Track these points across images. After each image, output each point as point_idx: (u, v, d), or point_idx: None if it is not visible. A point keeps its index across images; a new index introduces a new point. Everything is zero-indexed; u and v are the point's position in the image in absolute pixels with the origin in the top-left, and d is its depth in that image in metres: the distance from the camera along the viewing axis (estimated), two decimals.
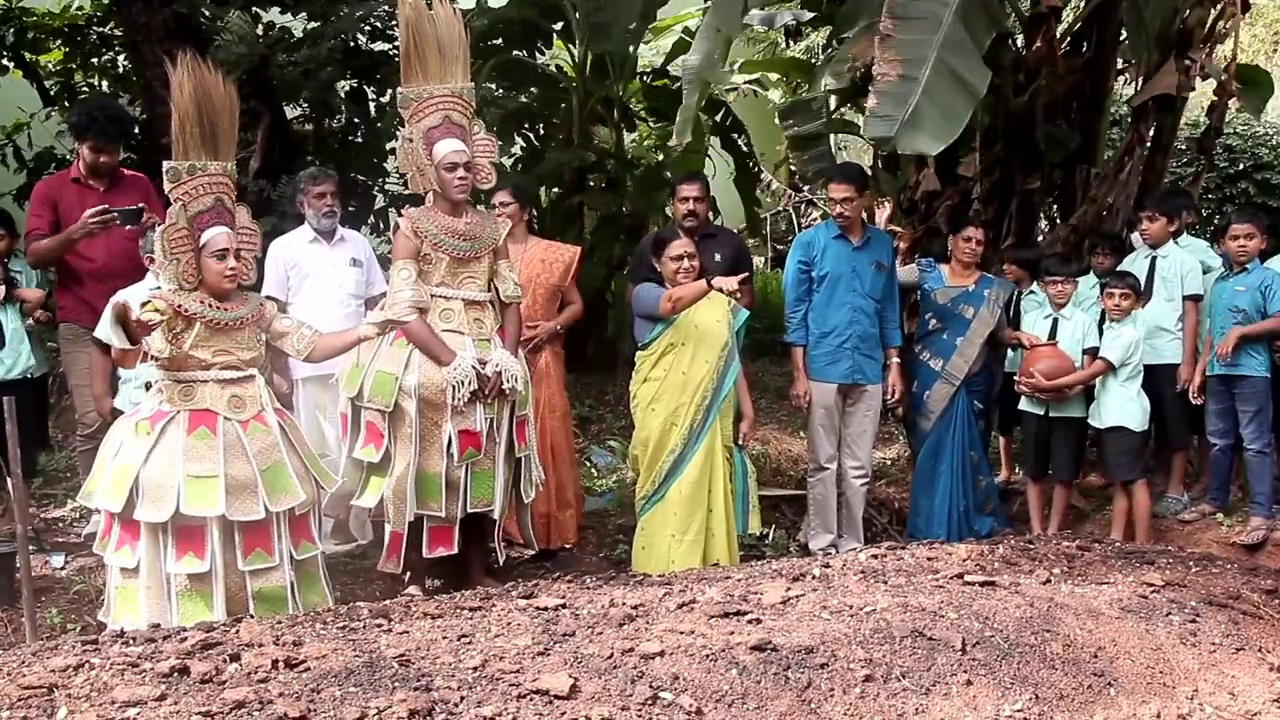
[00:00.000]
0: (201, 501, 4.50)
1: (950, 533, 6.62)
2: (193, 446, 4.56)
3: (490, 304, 5.58)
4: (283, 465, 4.71)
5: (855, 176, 6.65)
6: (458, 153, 5.43)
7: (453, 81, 5.49)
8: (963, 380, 6.81)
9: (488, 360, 5.40)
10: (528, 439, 5.75)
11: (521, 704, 2.95)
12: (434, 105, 5.47)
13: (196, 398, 4.65)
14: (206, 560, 4.52)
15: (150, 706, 2.88)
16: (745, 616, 3.63)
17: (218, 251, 4.65)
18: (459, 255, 5.46)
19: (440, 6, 5.46)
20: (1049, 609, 3.75)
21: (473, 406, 5.39)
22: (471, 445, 5.44)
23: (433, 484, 5.42)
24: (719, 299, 6.00)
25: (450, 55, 5.48)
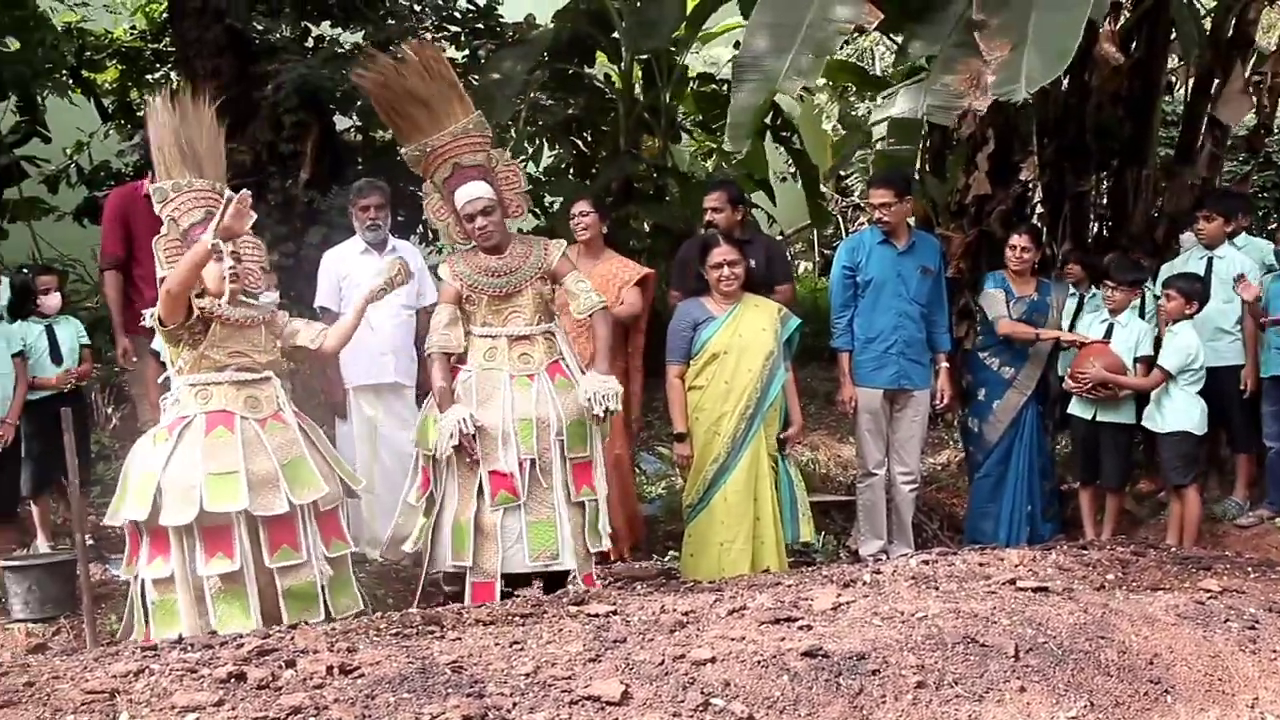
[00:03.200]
0: (224, 498, 4.52)
1: (1012, 538, 6.58)
2: (211, 446, 4.60)
3: (542, 336, 5.39)
4: (303, 459, 4.73)
5: (896, 181, 6.62)
6: (473, 201, 5.26)
7: (449, 123, 5.32)
8: (1034, 388, 6.77)
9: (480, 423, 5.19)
10: (594, 483, 5.41)
11: (574, 710, 2.96)
12: (438, 156, 5.35)
13: (213, 400, 4.70)
14: (236, 559, 4.54)
15: (208, 712, 2.92)
16: (796, 623, 3.63)
17: (234, 252, 4.70)
18: (496, 293, 5.32)
19: (407, 57, 5.31)
20: (1103, 615, 3.71)
21: (499, 448, 5.19)
22: (504, 488, 5.19)
23: (462, 533, 5.22)
24: (766, 305, 6.00)
25: (436, 100, 5.32)
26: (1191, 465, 6.48)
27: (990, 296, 6.86)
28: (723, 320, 5.91)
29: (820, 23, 6.60)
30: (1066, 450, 7.75)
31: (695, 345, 5.94)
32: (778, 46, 6.67)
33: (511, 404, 5.21)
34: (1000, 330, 6.77)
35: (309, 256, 7.66)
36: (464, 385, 5.29)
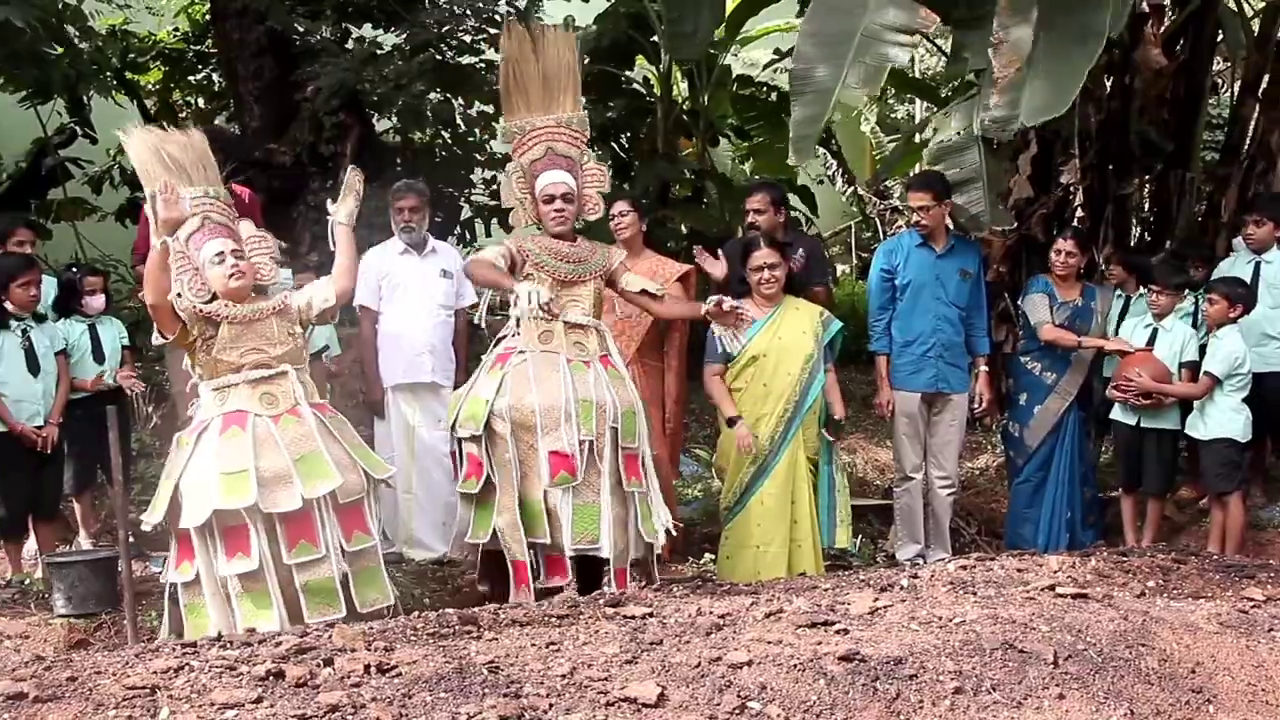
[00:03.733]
0: (233, 494, 4.53)
1: (1051, 544, 6.54)
2: (224, 446, 4.62)
3: (595, 330, 5.37)
4: (318, 453, 4.69)
5: (934, 184, 6.58)
6: (556, 184, 5.30)
7: (559, 111, 5.38)
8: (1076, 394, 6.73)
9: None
10: (641, 475, 5.33)
11: (610, 712, 2.96)
12: (537, 137, 5.36)
13: (229, 400, 4.72)
14: (254, 558, 4.54)
15: (247, 709, 2.94)
16: (833, 627, 3.61)
17: (213, 258, 4.74)
18: (562, 277, 5.30)
19: (551, 34, 5.40)
20: (1144, 623, 3.68)
21: (561, 427, 5.11)
22: (564, 469, 5.10)
23: (536, 510, 5.15)
24: (807, 308, 5.99)
25: (556, 85, 5.38)
26: (1235, 472, 6.41)
27: (1033, 301, 6.80)
28: (762, 323, 5.89)
29: (874, 30, 6.56)
30: (1108, 457, 7.69)
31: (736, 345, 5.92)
32: (831, 55, 6.62)
33: (571, 385, 5.15)
34: (1043, 336, 6.71)
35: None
36: (518, 368, 5.22)
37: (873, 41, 6.53)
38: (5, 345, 6.05)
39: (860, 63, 6.48)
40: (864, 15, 6.56)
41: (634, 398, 5.36)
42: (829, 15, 6.80)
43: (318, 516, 4.64)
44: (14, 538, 6.24)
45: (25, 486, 6.11)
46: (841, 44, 6.60)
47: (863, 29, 6.56)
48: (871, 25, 6.57)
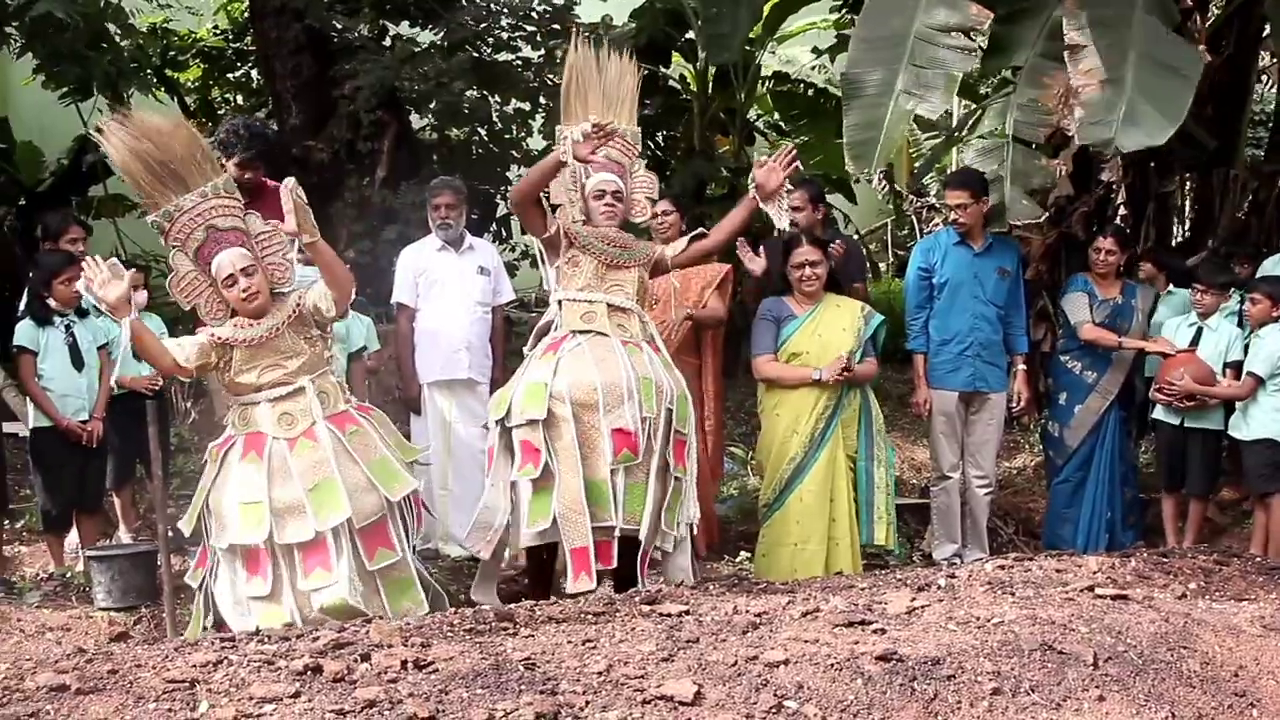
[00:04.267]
0: (249, 528, 4.56)
1: (1090, 545, 6.49)
2: (243, 473, 4.62)
3: (637, 315, 5.35)
4: (331, 482, 4.60)
5: (972, 182, 6.55)
6: (608, 182, 5.36)
7: (615, 123, 5.37)
8: (1116, 393, 6.67)
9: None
10: (685, 461, 5.29)
11: (646, 710, 2.96)
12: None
13: (251, 420, 4.71)
14: (268, 583, 4.57)
15: (285, 703, 2.95)
16: (870, 626, 3.60)
17: (225, 280, 4.66)
18: (609, 260, 5.29)
19: (616, 59, 5.52)
20: (1185, 625, 3.64)
21: (624, 404, 5.04)
22: (627, 446, 5.04)
23: (602, 491, 5.06)
24: (848, 306, 5.98)
25: (614, 100, 5.49)
26: (1277, 473, 6.34)
27: (1073, 300, 6.75)
28: (803, 320, 5.92)
29: (926, 32, 6.51)
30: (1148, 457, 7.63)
31: (777, 342, 5.94)
32: (884, 60, 6.58)
33: (629, 364, 5.12)
34: (1083, 336, 6.66)
35: (385, 253, 7.74)
36: (573, 350, 5.17)
37: (926, 45, 6.50)
38: (50, 341, 6.12)
39: (914, 67, 6.44)
40: (915, 17, 6.51)
41: (685, 386, 5.37)
42: (880, 19, 6.75)
43: (332, 543, 4.59)
44: (58, 531, 6.31)
45: (70, 480, 6.18)
46: (895, 47, 6.57)
47: (915, 32, 6.52)
48: (923, 28, 6.53)
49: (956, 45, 6.57)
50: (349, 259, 7.87)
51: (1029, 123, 6.64)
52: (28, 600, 5.79)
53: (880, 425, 6.10)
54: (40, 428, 6.15)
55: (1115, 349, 6.65)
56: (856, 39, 6.87)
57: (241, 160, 6.44)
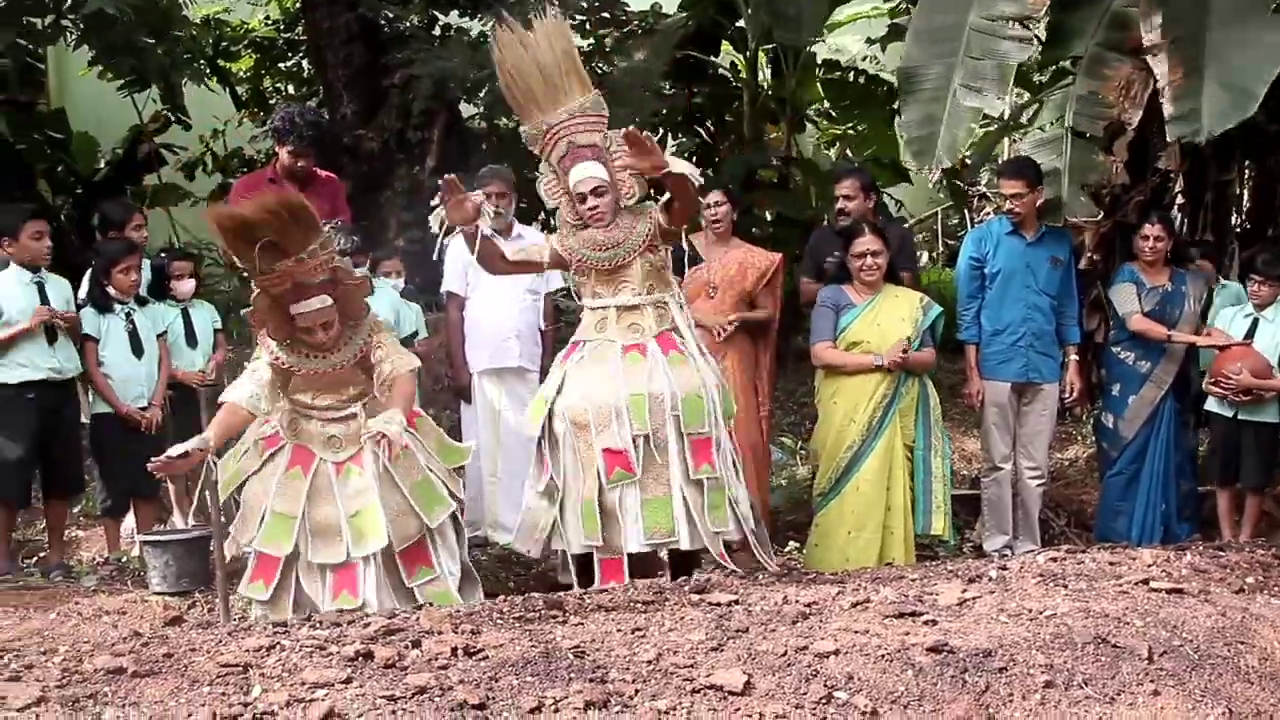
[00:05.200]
0: (274, 539, 4.60)
1: (1145, 538, 6.41)
2: (284, 483, 4.65)
3: (652, 305, 5.21)
4: (372, 509, 4.61)
5: (1027, 171, 6.48)
6: (585, 181, 5.08)
7: (567, 101, 5.11)
8: (1171, 383, 6.59)
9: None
10: (713, 460, 5.10)
11: (695, 699, 2.96)
12: (554, 135, 5.14)
13: (301, 432, 4.74)
14: (268, 593, 4.61)
15: (337, 689, 2.98)
16: (921, 617, 3.58)
17: (303, 325, 4.61)
18: (603, 267, 5.18)
19: (541, 27, 5.16)
20: (1243, 619, 3.60)
21: (612, 423, 5.00)
22: (619, 465, 4.98)
23: (589, 511, 5.06)
24: (906, 296, 5.97)
25: (557, 75, 5.12)
26: None
27: (1121, 291, 6.67)
28: (862, 309, 5.93)
29: (982, 24, 6.44)
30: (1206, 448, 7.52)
31: (836, 330, 5.95)
32: (941, 54, 6.52)
33: (623, 379, 5.06)
34: (1131, 327, 6.58)
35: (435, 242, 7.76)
36: (577, 364, 5.19)
37: (982, 36, 6.43)
38: (110, 328, 6.20)
39: (970, 59, 6.38)
40: (971, 9, 6.44)
41: (701, 379, 5.14)
42: (935, 11, 6.70)
43: (361, 569, 4.62)
44: (115, 516, 6.40)
45: (128, 467, 6.24)
46: (951, 40, 6.51)
47: (970, 24, 6.46)
48: (979, 19, 6.47)
49: (1013, 36, 6.51)
50: (398, 248, 7.92)
51: (1088, 115, 6.58)
52: (85, 584, 5.88)
53: (938, 415, 6.08)
54: (100, 414, 6.24)
55: (1164, 342, 6.56)
56: (912, 33, 6.83)
57: (295, 148, 6.50)
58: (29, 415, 6.02)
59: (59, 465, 6.19)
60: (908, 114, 6.66)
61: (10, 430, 6.05)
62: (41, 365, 6.00)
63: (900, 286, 6.07)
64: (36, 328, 5.98)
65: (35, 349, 6.00)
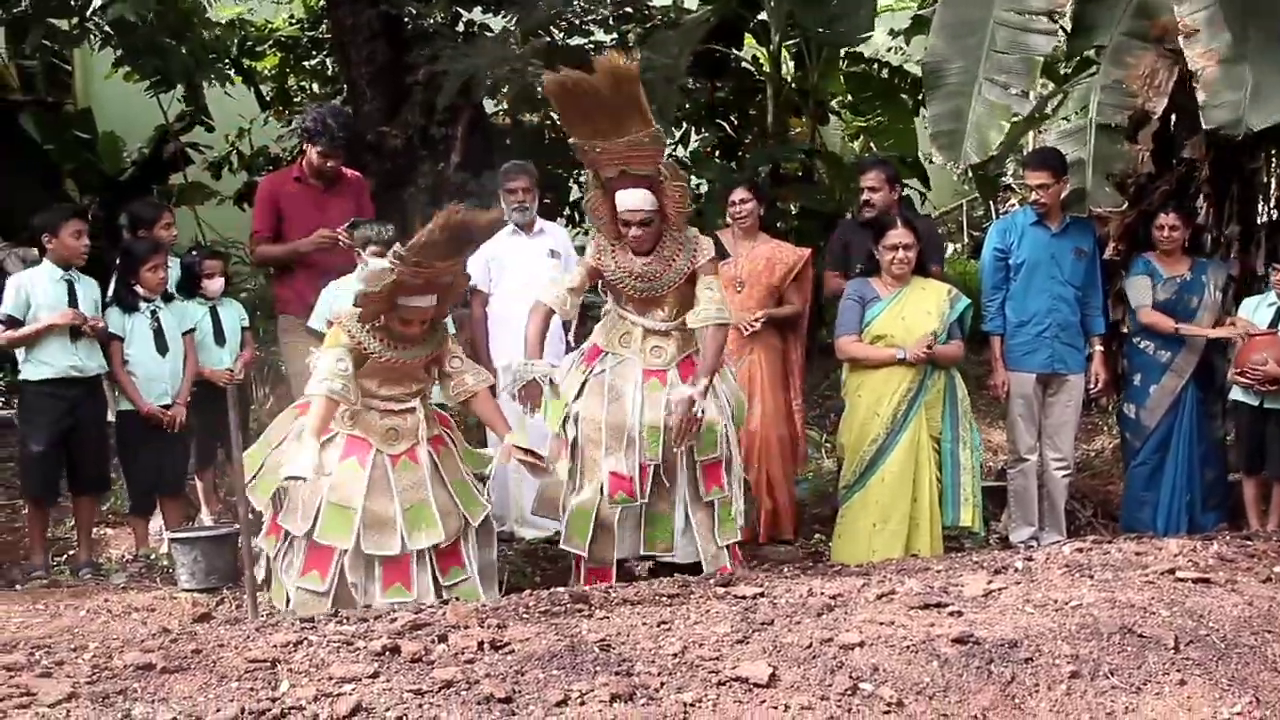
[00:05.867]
0: (335, 532, 4.60)
1: (1170, 528, 6.39)
2: (341, 475, 4.65)
3: (678, 332, 5.26)
4: (426, 504, 4.71)
5: (1052, 162, 6.45)
6: (634, 210, 5.04)
7: (628, 134, 4.90)
8: (1192, 372, 6.56)
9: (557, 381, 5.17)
10: (723, 482, 5.29)
11: (721, 691, 2.97)
12: (608, 157, 5.00)
13: (358, 423, 4.75)
14: (326, 584, 4.62)
15: (364, 683, 3.00)
16: (946, 609, 3.58)
17: (405, 318, 4.66)
18: (635, 296, 5.24)
19: (606, 69, 4.79)
20: (1270, 609, 3.59)
21: (624, 449, 5.11)
22: (622, 489, 5.13)
23: (582, 519, 5.18)
24: (933, 288, 5.96)
25: (619, 111, 4.86)
26: None
27: (1134, 284, 6.65)
28: (888, 302, 5.92)
29: (1006, 17, 6.40)
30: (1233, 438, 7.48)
31: (861, 323, 5.96)
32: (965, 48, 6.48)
33: (641, 407, 5.14)
34: (1141, 319, 6.56)
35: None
36: (597, 377, 5.26)
37: (1009, 30, 6.40)
38: (136, 326, 6.23)
39: (995, 54, 6.35)
40: (996, 2, 6.41)
41: (718, 408, 5.23)
42: (960, 5, 6.67)
43: (415, 563, 4.69)
44: (142, 514, 6.44)
45: (152, 464, 6.30)
46: (975, 34, 6.48)
47: (996, 17, 6.43)
48: (1003, 13, 6.43)
49: (1038, 29, 6.48)
50: None
51: (1113, 104, 6.53)
52: (115, 581, 5.92)
53: (966, 407, 6.07)
54: (124, 412, 6.28)
55: (1173, 334, 6.52)
56: (937, 27, 6.80)
57: (325, 149, 6.54)
58: (53, 412, 6.06)
59: (83, 463, 6.21)
60: (934, 108, 6.63)
61: (35, 427, 6.12)
62: (64, 363, 6.04)
63: (927, 279, 6.05)
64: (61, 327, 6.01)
65: (58, 347, 6.04)
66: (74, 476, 6.24)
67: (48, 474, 6.18)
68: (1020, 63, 6.48)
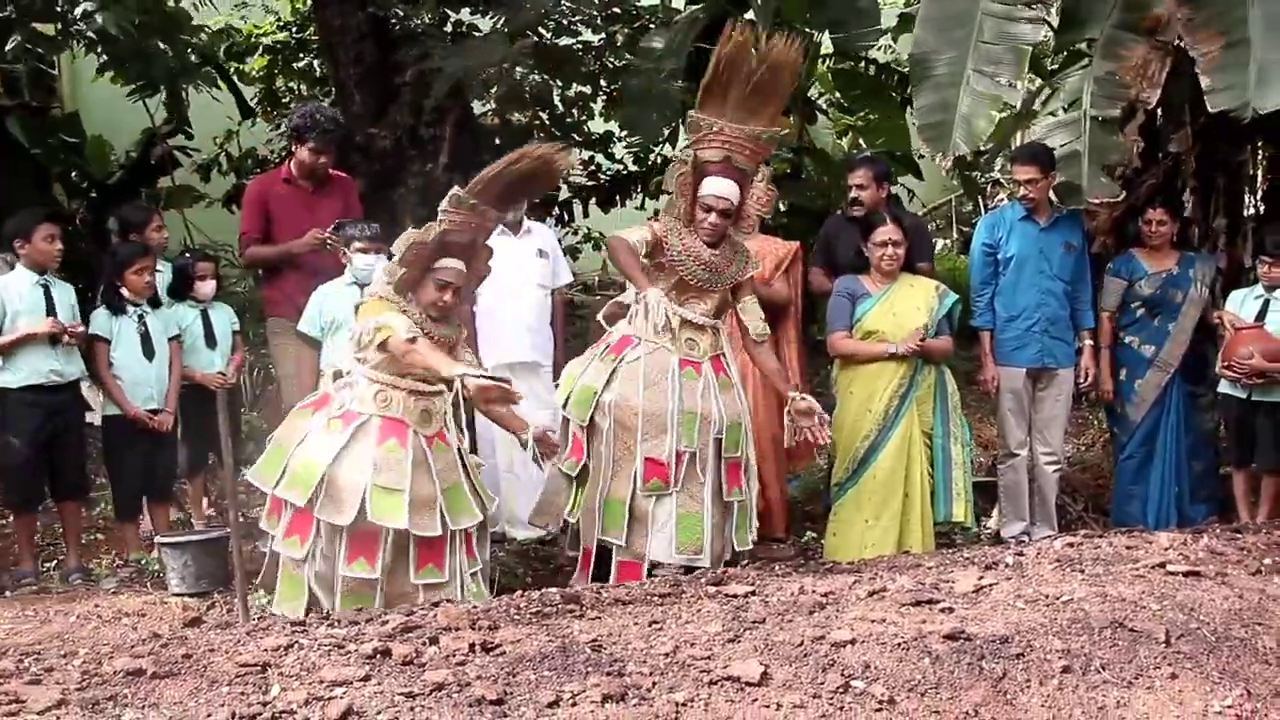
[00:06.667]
0: (388, 513, 4.56)
1: (1160, 521, 6.40)
2: (384, 457, 4.61)
3: (712, 329, 5.33)
4: (460, 486, 4.76)
5: (1041, 157, 6.46)
6: (720, 198, 5.17)
7: (753, 124, 5.17)
8: (1177, 366, 6.57)
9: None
10: (743, 483, 5.36)
11: (713, 690, 2.97)
12: (720, 140, 5.17)
13: (391, 405, 4.70)
14: (376, 569, 4.58)
15: (355, 686, 3.00)
16: (937, 605, 3.58)
17: (441, 281, 4.69)
18: (690, 283, 5.26)
19: (779, 45, 5.12)
20: (1260, 601, 3.59)
21: (661, 436, 5.12)
22: (658, 476, 5.12)
23: (616, 510, 5.17)
24: (922, 285, 5.98)
25: (761, 97, 5.14)
26: None
27: (1109, 284, 6.68)
28: (878, 299, 5.95)
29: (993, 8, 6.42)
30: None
31: (852, 319, 5.98)
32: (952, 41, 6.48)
33: (679, 394, 5.15)
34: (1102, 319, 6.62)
35: None
36: (630, 365, 5.24)
37: (995, 20, 6.41)
38: (122, 330, 6.21)
39: (983, 44, 6.36)
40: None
41: (741, 408, 5.34)
42: None
43: (449, 544, 4.70)
44: (130, 518, 6.42)
45: (138, 469, 6.28)
46: (962, 26, 6.48)
47: (982, 8, 6.43)
48: (989, 4, 6.44)
49: (1025, 18, 6.48)
50: None
51: (1106, 96, 6.54)
52: (104, 586, 5.91)
53: (956, 402, 6.10)
54: (111, 416, 6.26)
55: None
56: (923, 19, 6.79)
57: (316, 145, 6.53)
58: (32, 418, 6.03)
59: (64, 469, 6.18)
60: (920, 100, 6.63)
61: (15, 434, 6.06)
62: (43, 368, 6.00)
63: (916, 276, 6.09)
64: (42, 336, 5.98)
65: (37, 352, 6.00)
66: (55, 483, 6.21)
67: (29, 480, 6.14)
68: (1008, 52, 6.49)
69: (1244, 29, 6.02)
